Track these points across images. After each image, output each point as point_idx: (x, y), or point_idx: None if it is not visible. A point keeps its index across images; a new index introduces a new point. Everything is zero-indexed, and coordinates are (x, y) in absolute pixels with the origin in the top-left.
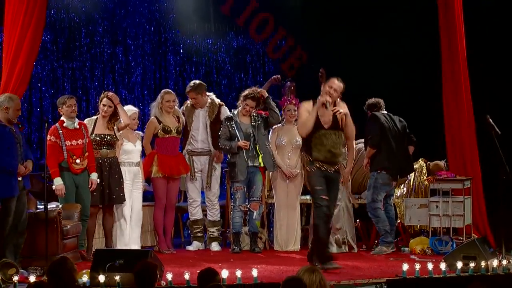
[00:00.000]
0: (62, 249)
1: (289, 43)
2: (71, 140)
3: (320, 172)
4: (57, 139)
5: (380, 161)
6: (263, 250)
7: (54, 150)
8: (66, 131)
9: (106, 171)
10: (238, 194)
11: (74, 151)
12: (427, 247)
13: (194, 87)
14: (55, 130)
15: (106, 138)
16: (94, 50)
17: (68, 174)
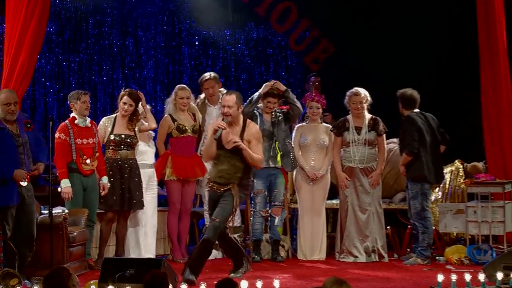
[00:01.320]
0: (68, 258)
1: (313, 34)
2: (81, 138)
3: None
4: (67, 137)
5: (420, 168)
6: (286, 259)
7: (63, 149)
8: (77, 129)
9: (127, 174)
10: (258, 198)
11: (84, 151)
12: (465, 256)
13: (212, 77)
14: (65, 127)
15: (126, 139)
16: (103, 42)
17: (77, 176)
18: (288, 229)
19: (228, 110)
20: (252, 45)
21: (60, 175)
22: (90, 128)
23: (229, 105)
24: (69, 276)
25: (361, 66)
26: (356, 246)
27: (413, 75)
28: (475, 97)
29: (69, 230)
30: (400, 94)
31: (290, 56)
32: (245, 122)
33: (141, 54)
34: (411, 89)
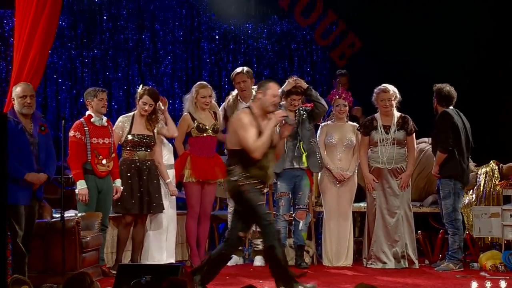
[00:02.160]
0: (81, 264)
1: (340, 28)
2: (97, 138)
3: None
4: (82, 136)
5: (454, 166)
6: (311, 266)
7: (79, 149)
8: (93, 127)
9: (145, 176)
10: (281, 201)
11: (100, 151)
12: (500, 262)
13: (244, 69)
14: (80, 126)
15: (145, 139)
16: (118, 37)
17: (92, 177)
18: (313, 234)
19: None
20: (275, 40)
21: (75, 176)
22: (106, 127)
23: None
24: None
25: (389, 62)
26: (385, 251)
27: (445, 71)
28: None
29: (82, 234)
30: (437, 90)
31: (316, 51)
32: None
33: (158, 49)
34: (448, 85)
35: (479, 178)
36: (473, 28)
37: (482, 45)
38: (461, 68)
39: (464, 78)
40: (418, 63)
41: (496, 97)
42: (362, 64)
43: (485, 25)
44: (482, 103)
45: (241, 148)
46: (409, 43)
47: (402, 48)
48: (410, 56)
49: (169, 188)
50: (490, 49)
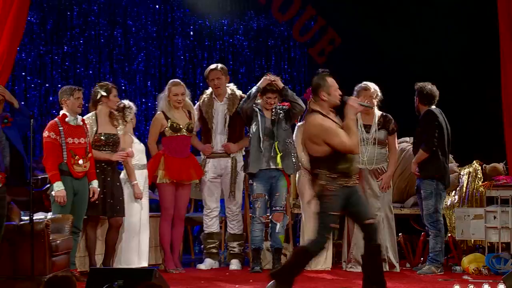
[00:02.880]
0: (50, 268)
1: (319, 24)
2: (73, 137)
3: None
4: (57, 136)
5: (437, 166)
6: None
7: (54, 149)
8: (68, 127)
9: (110, 177)
10: (258, 203)
11: (76, 151)
12: (483, 265)
13: (219, 68)
14: (55, 126)
15: (112, 138)
16: (88, 33)
17: (68, 178)
18: (291, 237)
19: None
20: (252, 36)
21: (52, 178)
22: (81, 127)
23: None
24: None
25: (370, 59)
26: None
27: (427, 69)
28: (495, 94)
29: (52, 238)
30: (419, 88)
31: (294, 47)
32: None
33: (131, 46)
34: (430, 84)
35: (462, 179)
36: (455, 25)
37: (465, 43)
38: (444, 66)
39: (446, 76)
40: (400, 61)
41: (480, 96)
42: (342, 61)
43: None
44: (465, 102)
45: (327, 154)
46: (390, 39)
47: (383, 44)
48: (392, 53)
49: (135, 190)
50: (473, 47)
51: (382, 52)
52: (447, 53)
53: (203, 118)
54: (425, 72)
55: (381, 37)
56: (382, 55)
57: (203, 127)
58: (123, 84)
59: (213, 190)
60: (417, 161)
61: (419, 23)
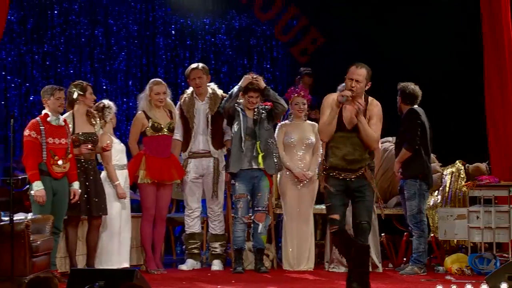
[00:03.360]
0: (31, 269)
1: (301, 23)
2: (54, 137)
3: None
4: (38, 135)
5: (420, 166)
6: (271, 270)
7: (34, 148)
8: (49, 127)
9: (92, 176)
10: (240, 203)
11: (56, 151)
12: (466, 266)
13: (200, 67)
14: (36, 125)
15: (90, 137)
16: (69, 32)
17: (47, 178)
18: (273, 237)
19: (356, 85)
20: (234, 35)
21: (31, 177)
22: (63, 127)
23: (358, 79)
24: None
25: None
26: None
27: (411, 69)
28: (478, 93)
29: (32, 238)
30: (402, 88)
31: (276, 47)
32: (367, 100)
33: (112, 45)
34: (413, 84)
35: (445, 179)
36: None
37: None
38: (427, 66)
39: (429, 76)
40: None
41: (463, 96)
42: (325, 60)
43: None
44: (448, 102)
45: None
46: (374, 39)
47: (366, 44)
48: (375, 53)
49: (117, 190)
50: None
51: (365, 51)
52: (430, 52)
53: (184, 117)
54: (408, 72)
55: (364, 37)
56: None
57: (184, 127)
58: (104, 84)
59: (194, 190)
60: (400, 160)
61: (403, 23)
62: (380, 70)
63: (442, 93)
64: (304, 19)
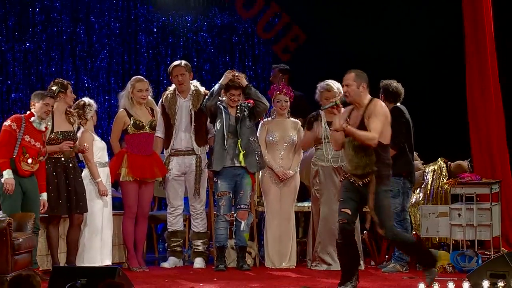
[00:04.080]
0: (13, 267)
1: (283, 21)
2: (30, 137)
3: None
4: (18, 129)
5: (405, 164)
6: (253, 268)
7: (11, 139)
8: (30, 126)
9: (72, 174)
10: (222, 201)
11: (29, 150)
12: (448, 263)
13: (183, 64)
14: (19, 119)
15: (69, 136)
16: (51, 30)
17: (15, 177)
18: (255, 235)
19: (347, 89)
20: (215, 33)
21: (2, 165)
22: (41, 133)
23: (348, 83)
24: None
25: (336, 56)
26: (329, 253)
27: (392, 66)
28: (460, 91)
29: (14, 236)
30: (384, 86)
31: (258, 44)
32: (370, 101)
33: (94, 43)
34: (395, 81)
35: (427, 176)
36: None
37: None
38: (409, 64)
39: (412, 74)
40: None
41: (444, 93)
42: (307, 58)
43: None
44: (430, 99)
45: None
46: (356, 37)
47: (349, 42)
48: (357, 51)
49: (99, 187)
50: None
51: (347, 49)
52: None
53: (165, 115)
54: (390, 70)
55: (346, 34)
56: (347, 52)
57: (165, 124)
58: (86, 81)
59: (177, 188)
60: None
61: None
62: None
63: (424, 91)
64: (285, 17)
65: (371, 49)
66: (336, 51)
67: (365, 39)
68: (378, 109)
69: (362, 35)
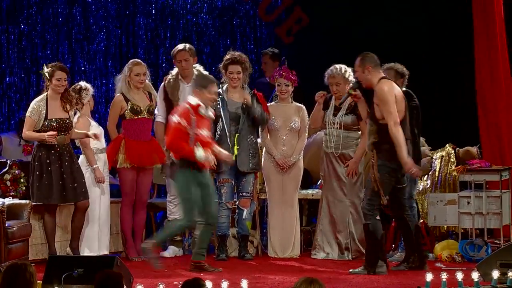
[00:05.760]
0: (6, 256)
1: (286, 2)
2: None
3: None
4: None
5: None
6: (255, 257)
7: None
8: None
9: (67, 162)
10: (224, 188)
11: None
12: (456, 252)
13: (186, 47)
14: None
15: (64, 123)
16: (46, 11)
17: None
18: (258, 223)
19: (357, 76)
20: (216, 15)
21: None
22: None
23: (355, 70)
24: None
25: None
26: (329, 241)
27: (399, 49)
28: (469, 75)
29: (8, 224)
30: (390, 68)
31: (260, 27)
32: (377, 84)
33: (90, 25)
34: (399, 64)
35: (434, 163)
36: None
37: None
38: (416, 47)
39: (418, 57)
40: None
41: (452, 77)
42: (310, 41)
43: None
44: (437, 83)
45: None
46: (361, 18)
47: (353, 24)
48: (362, 33)
49: (96, 174)
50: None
51: (351, 31)
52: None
53: (168, 100)
54: (396, 52)
55: (350, 16)
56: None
57: (167, 110)
58: (82, 65)
59: None
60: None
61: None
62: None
63: (431, 74)
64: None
65: (376, 30)
66: (340, 33)
67: (371, 21)
68: (377, 94)
69: (367, 16)
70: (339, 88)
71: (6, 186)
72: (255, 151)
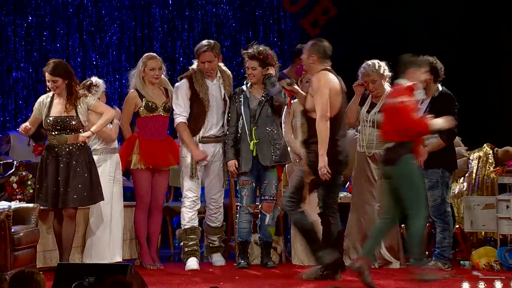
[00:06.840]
0: (12, 263)
1: None
2: None
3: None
4: None
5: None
6: (278, 265)
7: None
8: None
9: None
10: (244, 190)
11: None
12: (495, 260)
13: (211, 46)
14: None
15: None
16: (56, 2)
17: None
18: (282, 229)
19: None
20: (237, 5)
21: None
22: None
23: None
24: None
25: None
26: (356, 247)
27: (432, 42)
28: (508, 71)
29: (15, 230)
30: (430, 63)
31: (284, 18)
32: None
33: (103, 16)
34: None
35: (471, 164)
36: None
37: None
38: (449, 40)
39: (452, 51)
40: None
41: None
42: (338, 33)
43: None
44: (475, 80)
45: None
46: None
47: (382, 15)
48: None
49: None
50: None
51: (381, 22)
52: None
53: (197, 99)
54: (431, 46)
55: (380, 6)
56: (381, 26)
57: (196, 109)
58: (94, 59)
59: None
60: (431, 150)
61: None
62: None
63: (466, 69)
64: None
65: (406, 22)
66: (370, 25)
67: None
68: (314, 85)
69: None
70: (375, 85)
71: (13, 189)
72: (277, 142)
